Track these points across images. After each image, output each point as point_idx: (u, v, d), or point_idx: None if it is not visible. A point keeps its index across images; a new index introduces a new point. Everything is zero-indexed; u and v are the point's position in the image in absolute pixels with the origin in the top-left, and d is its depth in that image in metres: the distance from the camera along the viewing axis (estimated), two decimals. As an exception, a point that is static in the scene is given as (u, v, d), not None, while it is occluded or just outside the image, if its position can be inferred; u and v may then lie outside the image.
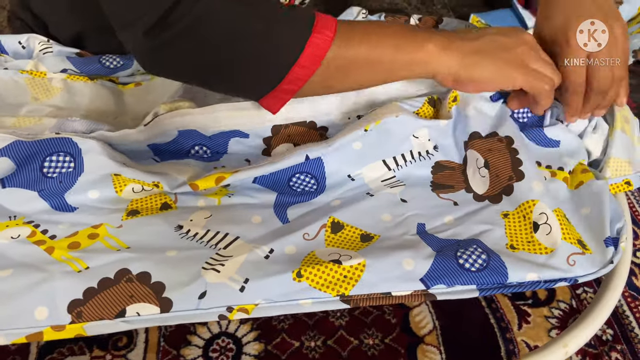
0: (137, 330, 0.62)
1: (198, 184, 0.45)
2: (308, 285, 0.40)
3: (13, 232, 0.42)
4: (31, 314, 0.38)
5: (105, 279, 0.39)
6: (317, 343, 0.61)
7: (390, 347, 0.61)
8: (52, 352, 0.59)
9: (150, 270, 0.40)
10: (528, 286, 0.43)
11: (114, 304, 0.39)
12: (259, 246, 0.42)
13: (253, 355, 0.60)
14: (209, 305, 0.39)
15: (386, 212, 0.47)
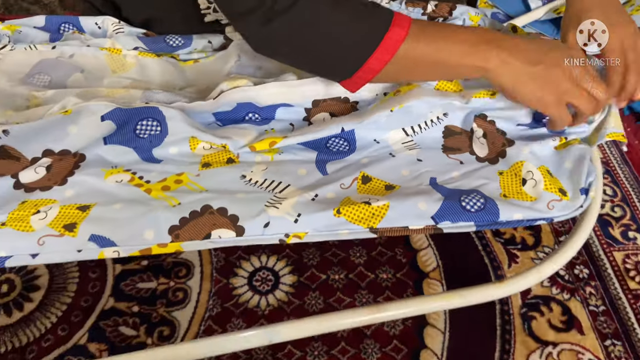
0: (193, 263, 0.76)
1: (255, 146, 0.57)
2: (345, 220, 0.52)
3: (117, 177, 0.55)
4: (142, 235, 0.50)
5: (194, 211, 0.52)
6: (340, 276, 0.74)
7: (400, 281, 0.74)
8: (126, 279, 0.74)
9: (227, 206, 0.52)
10: (514, 223, 0.54)
11: (202, 229, 0.51)
12: (307, 192, 0.54)
13: (288, 284, 0.74)
14: (271, 232, 0.52)
15: (405, 168, 0.58)
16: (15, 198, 0.52)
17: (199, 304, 0.71)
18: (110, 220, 0.51)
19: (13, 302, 0.71)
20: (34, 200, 0.52)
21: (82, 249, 0.50)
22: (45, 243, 0.49)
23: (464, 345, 0.67)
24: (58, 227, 0.50)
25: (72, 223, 0.50)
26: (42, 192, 0.53)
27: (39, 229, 0.50)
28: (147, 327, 0.69)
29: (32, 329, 0.68)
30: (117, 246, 0.50)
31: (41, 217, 0.50)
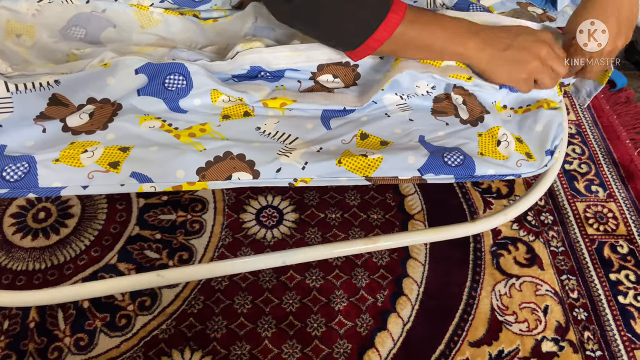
0: (208, 200, 0.86)
1: (267, 103, 0.66)
2: (345, 169, 0.62)
3: (149, 123, 0.64)
4: (174, 174, 0.60)
5: (217, 156, 0.61)
6: (336, 215, 0.85)
7: (389, 221, 0.84)
8: (149, 211, 0.84)
9: (245, 153, 0.61)
10: (487, 177, 0.64)
11: (224, 171, 0.61)
12: (313, 145, 0.64)
13: (291, 221, 0.84)
14: (282, 177, 0.61)
15: (398, 127, 0.67)
16: (65, 139, 0.61)
17: (213, 234, 0.82)
18: (148, 160, 0.60)
19: (50, 227, 0.81)
20: (82, 142, 0.61)
21: (124, 184, 0.60)
22: (94, 177, 0.59)
23: (440, 276, 0.78)
24: (104, 164, 0.59)
25: (115, 161, 0.59)
26: (87, 135, 0.62)
27: (88, 165, 0.59)
28: (168, 252, 0.79)
29: (69, 250, 0.79)
30: (154, 182, 0.60)
31: (89, 156, 0.60)
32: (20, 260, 0.77)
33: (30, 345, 0.69)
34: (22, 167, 0.58)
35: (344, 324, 0.73)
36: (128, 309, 0.73)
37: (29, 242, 0.79)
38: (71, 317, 0.72)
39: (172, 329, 0.72)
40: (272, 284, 0.76)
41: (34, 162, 0.58)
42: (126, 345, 0.70)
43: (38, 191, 0.59)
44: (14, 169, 0.58)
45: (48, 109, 0.61)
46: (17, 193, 0.58)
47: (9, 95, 0.59)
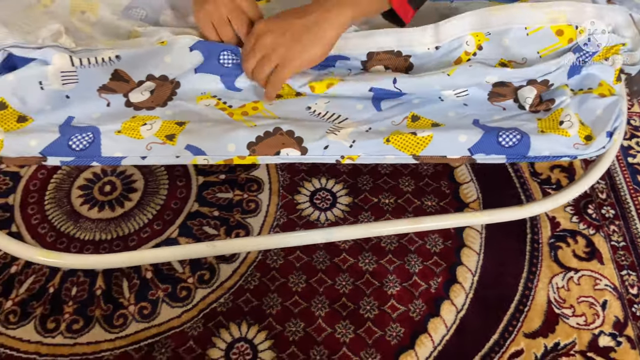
0: (263, 180, 0.87)
1: (315, 86, 0.66)
2: (392, 147, 0.62)
3: (206, 102, 0.66)
4: (226, 148, 0.62)
5: (267, 131, 0.63)
6: (390, 201, 0.85)
7: (443, 208, 0.84)
8: (208, 189, 0.86)
9: (294, 129, 0.63)
10: (541, 159, 0.62)
11: (273, 147, 0.62)
12: (362, 125, 0.64)
13: (344, 204, 0.85)
14: (329, 154, 0.62)
15: (451, 111, 0.66)
16: (127, 114, 0.64)
17: (268, 214, 0.84)
18: (201, 133, 0.62)
19: (115, 200, 0.85)
20: (142, 116, 0.64)
21: (179, 155, 0.62)
22: (152, 148, 0.61)
23: (496, 266, 0.77)
24: (161, 137, 0.61)
25: (172, 134, 0.61)
26: (147, 110, 0.65)
27: (146, 137, 0.62)
28: (225, 229, 0.82)
29: (132, 222, 0.83)
30: (207, 155, 0.62)
31: (148, 128, 0.62)
32: (87, 230, 0.81)
33: (97, 312, 0.73)
34: (87, 137, 0.61)
35: (397, 308, 0.74)
36: (188, 281, 0.76)
37: (95, 214, 0.83)
38: (135, 286, 0.75)
39: (229, 302, 0.74)
40: (326, 265, 0.78)
41: (98, 133, 0.61)
42: (187, 315, 0.73)
43: (101, 160, 0.62)
44: (80, 139, 0.61)
45: (111, 83, 0.63)
46: (81, 161, 0.62)
47: (73, 69, 0.62)
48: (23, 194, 0.85)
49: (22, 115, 0.61)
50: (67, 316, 0.73)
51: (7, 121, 0.60)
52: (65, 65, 0.61)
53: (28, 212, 0.83)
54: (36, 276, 0.76)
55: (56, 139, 0.60)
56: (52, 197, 0.85)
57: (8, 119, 0.60)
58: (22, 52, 0.61)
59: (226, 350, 0.70)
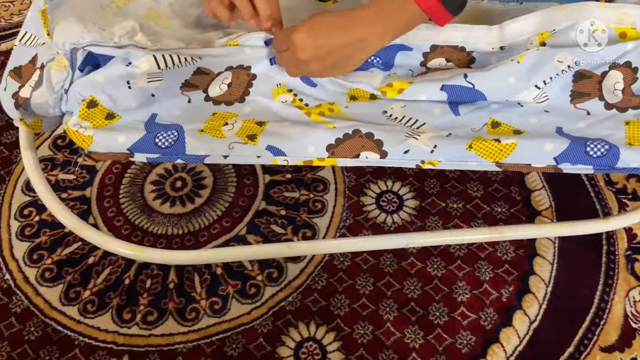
0: (329, 180, 0.88)
1: (386, 92, 0.66)
2: (475, 154, 0.61)
3: (282, 97, 0.67)
4: (305, 149, 0.62)
5: (346, 134, 0.63)
6: (458, 205, 0.84)
7: (514, 215, 0.82)
8: (274, 188, 0.88)
9: (373, 132, 0.63)
10: (629, 170, 0.60)
11: (353, 149, 0.62)
12: (442, 130, 0.63)
13: (411, 207, 0.84)
14: (409, 158, 0.62)
15: (533, 117, 0.64)
16: (207, 109, 0.65)
17: (334, 215, 0.84)
18: (281, 134, 0.63)
19: (186, 196, 0.87)
20: (222, 113, 0.65)
21: (260, 155, 0.63)
22: (234, 148, 0.62)
23: (570, 276, 0.75)
24: (243, 136, 0.62)
25: (253, 134, 0.62)
26: (226, 106, 0.66)
27: (228, 137, 0.63)
28: (292, 228, 0.83)
29: (202, 218, 0.85)
30: (287, 156, 0.62)
31: (229, 128, 0.63)
32: (160, 224, 0.84)
33: (170, 304, 0.75)
34: (172, 135, 0.63)
35: (467, 316, 0.73)
36: (257, 278, 0.77)
37: (167, 209, 0.86)
38: (206, 281, 0.77)
39: (298, 302, 0.75)
40: (393, 269, 0.77)
41: (182, 131, 0.63)
42: (256, 312, 0.74)
43: (185, 157, 0.63)
44: (165, 137, 0.62)
45: (192, 78, 0.65)
46: (166, 158, 0.63)
47: (159, 71, 0.63)
48: (99, 187, 0.88)
49: (111, 113, 0.63)
50: (142, 307, 0.75)
51: (96, 118, 0.63)
52: (151, 68, 0.63)
53: (104, 205, 0.86)
54: (112, 267, 0.79)
55: (143, 136, 0.62)
56: (126, 191, 0.88)
57: (97, 116, 0.63)
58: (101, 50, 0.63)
59: (295, 349, 0.71)
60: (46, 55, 0.62)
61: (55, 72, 0.60)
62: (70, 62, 0.60)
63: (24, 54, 0.65)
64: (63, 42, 0.59)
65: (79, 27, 0.60)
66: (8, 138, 0.96)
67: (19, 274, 0.79)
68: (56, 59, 0.61)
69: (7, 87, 0.64)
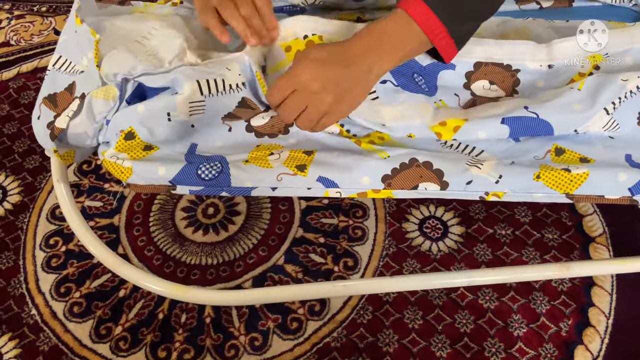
0: (368, 206, 0.84)
1: (441, 133, 0.62)
2: (543, 184, 0.57)
3: (328, 129, 0.63)
4: (359, 180, 0.59)
5: (403, 163, 0.59)
6: (507, 232, 0.80)
7: (566, 242, 0.78)
8: (311, 214, 0.84)
9: (432, 161, 0.59)
10: None
11: (411, 180, 0.58)
12: (503, 159, 0.59)
13: (457, 234, 0.80)
14: (472, 189, 0.58)
15: (598, 144, 0.60)
16: (250, 141, 0.61)
17: (376, 242, 0.80)
18: (333, 164, 0.59)
19: (219, 224, 0.83)
20: (266, 145, 0.61)
21: (311, 187, 0.59)
22: (283, 179, 0.58)
23: (632, 308, 0.71)
24: (291, 167, 0.58)
25: (302, 164, 0.58)
26: (270, 138, 0.62)
27: (276, 167, 0.59)
28: (333, 257, 0.79)
29: (237, 247, 0.80)
30: (339, 187, 0.59)
31: (276, 158, 0.60)
32: (193, 254, 0.80)
33: (208, 341, 0.71)
34: (215, 167, 0.59)
35: (526, 352, 0.68)
36: (299, 312, 0.73)
37: (200, 237, 0.82)
38: (244, 315, 0.73)
39: (343, 337, 0.71)
40: (442, 301, 0.73)
41: (225, 162, 0.59)
42: (299, 349, 0.70)
43: (230, 190, 0.59)
44: (208, 168, 0.59)
45: (236, 110, 0.61)
46: (211, 191, 0.59)
47: (202, 98, 0.60)
48: (128, 214, 0.84)
49: (148, 144, 0.59)
50: (177, 344, 0.71)
51: (134, 150, 0.59)
52: (194, 95, 0.59)
53: (133, 234, 0.82)
54: (145, 301, 0.75)
55: (184, 167, 0.58)
56: (156, 219, 0.84)
57: (135, 148, 0.59)
58: (151, 80, 0.59)
59: (343, 390, 0.67)
60: (86, 84, 0.59)
61: (100, 101, 0.57)
62: (120, 92, 0.57)
63: (59, 80, 0.62)
64: (115, 72, 0.56)
65: (129, 57, 0.57)
66: (31, 163, 0.92)
67: (46, 308, 0.75)
68: (103, 88, 0.57)
69: (41, 115, 0.60)
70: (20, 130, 0.97)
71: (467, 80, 0.65)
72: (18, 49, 1.12)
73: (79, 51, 0.60)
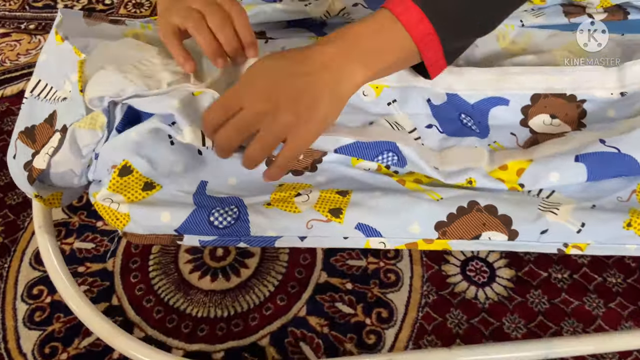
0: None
1: (503, 179, 0.51)
2: (634, 233, 0.47)
3: (365, 165, 0.52)
4: (408, 228, 0.48)
5: (460, 207, 0.48)
6: (563, 276, 0.69)
7: (632, 287, 0.67)
8: (335, 254, 0.73)
9: (496, 204, 0.48)
10: None
11: (471, 228, 0.47)
12: (581, 201, 0.49)
13: (506, 278, 0.70)
14: (548, 240, 0.47)
15: None
16: None
17: (412, 289, 0.69)
18: (373, 208, 0.48)
19: (229, 267, 0.72)
20: (291, 183, 0.51)
21: (348, 236, 0.48)
22: (314, 227, 0.48)
23: None
24: (324, 211, 0.48)
25: (337, 208, 0.48)
26: (294, 176, 0.51)
27: (305, 211, 0.48)
28: (364, 307, 0.68)
29: (252, 295, 0.69)
30: (383, 237, 0.48)
31: (304, 199, 0.49)
32: (200, 304, 0.68)
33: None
34: (231, 212, 0.48)
35: None
36: (327, 377, 0.62)
37: (208, 284, 0.70)
38: (262, 381, 0.62)
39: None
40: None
41: (243, 206, 0.48)
42: None
43: (250, 240, 0.48)
44: (222, 214, 0.48)
45: None
46: (226, 241, 0.48)
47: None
48: (124, 258, 0.73)
49: (149, 181, 0.49)
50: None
51: (131, 189, 0.48)
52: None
53: (130, 281, 0.71)
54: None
55: (192, 212, 0.47)
56: (157, 263, 0.73)
57: (132, 186, 0.48)
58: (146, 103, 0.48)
59: None
60: (68, 113, 0.48)
61: (85, 132, 0.46)
62: (107, 119, 0.46)
63: (38, 109, 0.51)
64: (100, 96, 0.45)
65: (118, 77, 0.46)
66: (13, 199, 0.81)
67: (27, 373, 0.64)
68: (87, 117, 0.47)
69: (17, 154, 0.49)
70: (2, 161, 0.86)
71: (524, 116, 0.55)
72: (2, 70, 1.01)
73: (60, 74, 0.49)
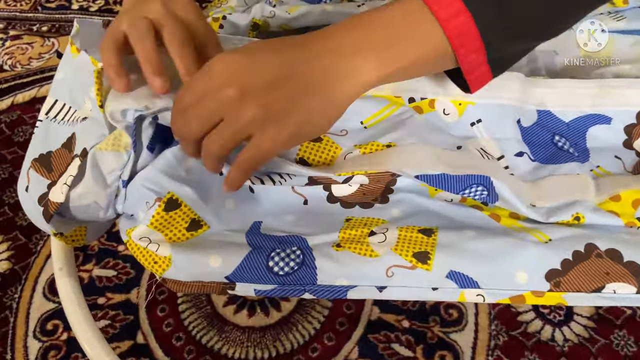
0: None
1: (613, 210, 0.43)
2: None
3: (445, 195, 0.43)
4: (513, 278, 0.39)
5: (576, 252, 0.39)
6: None
7: None
8: (388, 286, 0.65)
9: (619, 248, 0.40)
10: None
11: (591, 279, 0.38)
12: None
13: (585, 316, 0.61)
14: None
15: None
16: (336, 212, 0.43)
17: (479, 328, 0.61)
18: (468, 252, 0.39)
19: (269, 301, 0.64)
20: (360, 218, 0.42)
21: (438, 287, 0.40)
22: (395, 274, 0.39)
23: None
24: (407, 256, 0.39)
25: (423, 252, 0.39)
26: (362, 209, 0.43)
27: (383, 255, 0.39)
28: (424, 349, 0.59)
29: (295, 333, 0.61)
30: (482, 289, 0.39)
31: (380, 240, 0.40)
32: (237, 344, 0.60)
33: None
34: (293, 255, 0.39)
35: None
36: None
37: (244, 319, 0.62)
38: None
39: None
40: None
41: (307, 248, 0.39)
42: None
43: (316, 290, 0.39)
44: (283, 257, 0.39)
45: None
46: (287, 291, 0.39)
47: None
48: (150, 287, 0.65)
49: (197, 219, 0.40)
50: None
51: (174, 228, 0.40)
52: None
53: (157, 315, 0.63)
54: (174, 414, 0.55)
55: (247, 255, 0.39)
56: (186, 293, 0.65)
57: (176, 225, 0.40)
58: None
59: None
60: (88, 134, 0.40)
61: (108, 156, 0.38)
62: (133, 138, 0.38)
63: (54, 134, 0.42)
64: (123, 109, 0.37)
65: (144, 87, 0.38)
66: (24, 219, 0.72)
67: None
68: (110, 136, 0.39)
69: (30, 186, 0.40)
70: (12, 176, 0.78)
71: (628, 137, 0.46)
72: (13, 75, 0.94)
73: (79, 90, 0.41)
